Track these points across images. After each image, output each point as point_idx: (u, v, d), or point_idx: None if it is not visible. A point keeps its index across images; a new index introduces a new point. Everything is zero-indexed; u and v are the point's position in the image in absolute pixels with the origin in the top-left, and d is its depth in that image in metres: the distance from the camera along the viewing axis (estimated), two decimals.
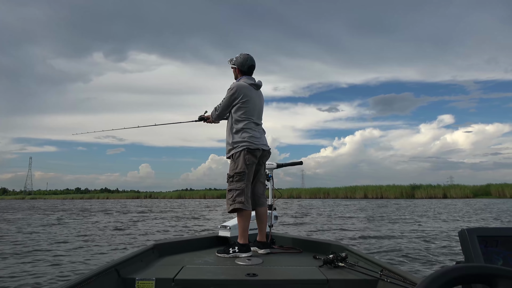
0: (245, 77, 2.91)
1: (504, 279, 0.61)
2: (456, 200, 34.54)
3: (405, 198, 44.40)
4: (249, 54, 2.97)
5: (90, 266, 4.79)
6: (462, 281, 0.63)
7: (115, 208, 23.76)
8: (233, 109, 2.81)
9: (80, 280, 1.58)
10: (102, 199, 74.22)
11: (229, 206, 2.69)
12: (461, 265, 0.63)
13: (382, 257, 5.24)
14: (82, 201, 53.64)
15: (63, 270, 4.56)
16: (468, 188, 45.12)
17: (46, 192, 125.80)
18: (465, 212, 16.45)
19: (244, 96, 2.77)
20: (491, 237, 0.88)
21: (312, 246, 2.83)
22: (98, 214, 17.16)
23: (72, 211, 20.42)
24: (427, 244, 6.54)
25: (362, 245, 6.47)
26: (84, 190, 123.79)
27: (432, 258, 5.26)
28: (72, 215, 16.49)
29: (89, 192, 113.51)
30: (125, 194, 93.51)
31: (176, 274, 2.01)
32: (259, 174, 2.88)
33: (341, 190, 52.06)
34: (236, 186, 2.67)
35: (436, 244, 6.54)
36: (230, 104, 2.81)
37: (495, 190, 42.78)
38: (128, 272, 1.99)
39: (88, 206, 28.30)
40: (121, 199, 72.06)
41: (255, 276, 1.98)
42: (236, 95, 2.78)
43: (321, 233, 8.30)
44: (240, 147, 2.71)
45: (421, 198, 43.59)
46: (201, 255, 2.66)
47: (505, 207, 19.89)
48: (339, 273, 2.05)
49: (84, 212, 18.96)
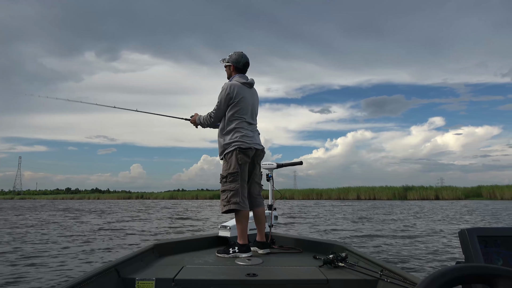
0: (237, 76, 2.87)
1: (504, 279, 0.61)
2: (448, 202, 35.00)
3: (397, 199, 44.80)
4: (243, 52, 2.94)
5: (90, 266, 4.77)
6: (462, 281, 0.62)
7: (111, 209, 23.54)
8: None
9: (80, 280, 1.58)
10: (93, 199, 73.48)
11: (222, 207, 2.67)
12: (461, 265, 0.63)
13: (381, 256, 5.27)
14: (74, 201, 53.11)
15: (63, 270, 4.53)
16: (459, 189, 45.80)
17: (36, 192, 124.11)
18: (460, 212, 16.66)
19: (237, 95, 2.74)
20: (491, 237, 0.88)
21: (312, 246, 2.83)
22: (93, 214, 17.01)
23: (68, 211, 20.17)
24: (427, 244, 6.60)
25: (363, 244, 6.50)
26: (75, 190, 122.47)
27: (432, 258, 5.30)
28: (68, 215, 16.29)
29: (80, 193, 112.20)
30: (116, 194, 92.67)
31: (176, 274, 2.01)
32: (254, 174, 2.85)
33: (334, 191, 52.32)
34: (230, 187, 2.65)
35: (435, 244, 6.59)
36: (227, 105, 2.76)
37: (486, 191, 43.60)
38: (128, 272, 1.99)
39: (80, 206, 27.98)
40: (112, 199, 71.38)
41: (255, 276, 1.98)
42: (232, 94, 2.74)
43: (319, 234, 8.33)
44: (232, 146, 2.68)
45: (413, 199, 44.07)
46: (201, 255, 2.65)
47: (499, 207, 20.21)
48: (339, 273, 2.05)
49: (80, 212, 18.78)
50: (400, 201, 40.00)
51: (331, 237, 7.75)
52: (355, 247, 3.81)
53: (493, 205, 24.38)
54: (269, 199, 3.21)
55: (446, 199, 43.14)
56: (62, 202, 46.62)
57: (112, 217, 14.99)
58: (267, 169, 3.20)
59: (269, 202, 3.19)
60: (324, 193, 52.98)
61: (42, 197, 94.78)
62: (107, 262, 2.10)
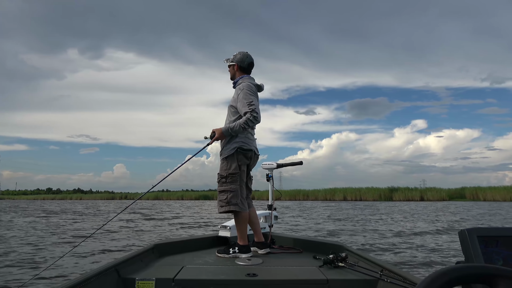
0: (247, 77, 2.84)
1: (504, 279, 0.61)
2: (435, 203, 35.39)
3: (383, 200, 45.25)
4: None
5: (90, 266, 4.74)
6: (462, 281, 0.62)
7: (104, 209, 23.07)
8: (238, 108, 2.71)
9: (80, 280, 1.57)
10: (76, 199, 71.79)
11: (220, 208, 2.63)
12: (461, 265, 0.63)
13: (381, 257, 5.33)
14: (64, 202, 51.51)
15: (63, 270, 4.48)
16: (443, 191, 46.48)
17: (15, 192, 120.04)
18: (454, 213, 17.02)
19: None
20: (491, 237, 0.88)
21: (312, 246, 2.84)
22: (88, 214, 16.72)
23: (57, 211, 19.70)
24: (426, 244, 6.68)
25: (366, 244, 6.57)
26: (56, 191, 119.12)
27: (432, 258, 5.37)
28: (62, 216, 15.88)
29: (61, 193, 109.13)
30: (99, 195, 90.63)
31: (176, 274, 2.00)
32: (247, 178, 2.82)
33: (320, 192, 52.49)
34: (230, 188, 2.61)
35: (435, 244, 6.69)
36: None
37: (469, 193, 44.60)
38: (128, 272, 1.98)
39: (70, 206, 27.26)
40: (95, 199, 69.93)
41: (255, 276, 1.98)
42: (254, 93, 2.71)
43: (315, 234, 8.37)
44: (234, 147, 2.65)
45: (399, 200, 44.57)
46: (201, 255, 2.64)
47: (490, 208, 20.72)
48: (339, 273, 2.06)
49: (74, 213, 18.30)
50: (386, 202, 40.53)
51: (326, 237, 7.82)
52: (355, 247, 3.85)
53: (479, 206, 25.00)
54: (269, 199, 3.21)
55: (431, 200, 43.75)
56: (52, 203, 45.16)
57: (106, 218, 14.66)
58: (267, 169, 3.20)
59: (269, 202, 3.19)
60: (310, 194, 53.24)
61: (22, 197, 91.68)
62: (107, 262, 2.07)
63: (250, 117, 2.58)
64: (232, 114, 2.74)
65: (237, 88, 2.76)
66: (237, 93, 2.70)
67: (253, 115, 2.58)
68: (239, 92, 2.69)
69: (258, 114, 2.62)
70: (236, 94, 2.72)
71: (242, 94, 2.66)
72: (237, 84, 2.82)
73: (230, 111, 2.78)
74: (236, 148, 2.65)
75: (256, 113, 2.60)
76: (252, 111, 2.58)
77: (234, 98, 2.76)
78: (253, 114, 2.58)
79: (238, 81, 2.82)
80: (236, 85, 2.82)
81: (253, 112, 2.58)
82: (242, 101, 2.64)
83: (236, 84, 2.82)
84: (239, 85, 2.76)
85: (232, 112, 2.75)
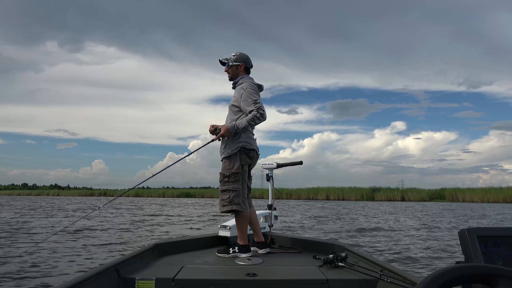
0: (248, 77, 2.82)
1: (504, 279, 0.61)
2: (419, 203, 36.06)
3: (366, 200, 45.89)
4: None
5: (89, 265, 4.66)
6: (462, 281, 0.62)
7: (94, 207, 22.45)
8: (241, 108, 2.68)
9: (80, 280, 1.56)
10: (53, 195, 69.73)
11: (222, 207, 2.62)
12: (461, 265, 0.63)
13: (382, 256, 5.40)
14: (45, 198, 49.76)
15: (63, 270, 4.40)
16: (424, 191, 47.66)
17: None
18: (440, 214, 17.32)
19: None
20: (491, 237, 0.88)
21: (312, 246, 2.85)
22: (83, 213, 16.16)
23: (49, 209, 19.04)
24: (425, 245, 6.79)
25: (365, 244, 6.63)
26: (32, 186, 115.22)
27: (432, 258, 5.45)
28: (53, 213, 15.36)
29: (38, 188, 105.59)
30: (77, 191, 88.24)
31: (176, 274, 2.00)
32: (248, 177, 2.81)
33: (303, 191, 52.96)
34: (233, 187, 2.59)
35: (435, 244, 6.80)
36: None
37: (449, 194, 45.99)
38: (128, 272, 1.97)
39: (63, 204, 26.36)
40: (73, 196, 68.10)
41: (255, 276, 1.98)
42: (257, 92, 2.71)
43: (312, 233, 8.39)
44: (238, 147, 2.63)
45: (381, 200, 45.37)
46: (201, 255, 2.63)
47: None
48: (339, 273, 2.07)
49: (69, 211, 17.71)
50: (369, 201, 41.29)
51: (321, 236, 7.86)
52: (355, 247, 3.88)
53: (464, 207, 25.65)
54: (269, 199, 3.20)
55: (412, 200, 44.76)
56: (36, 199, 43.53)
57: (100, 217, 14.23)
58: (267, 169, 3.19)
59: (269, 202, 3.19)
60: (293, 193, 53.66)
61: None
62: (107, 262, 2.04)
63: (257, 114, 2.58)
64: (234, 113, 2.73)
65: (239, 87, 2.74)
66: (240, 93, 2.68)
67: (260, 112, 2.59)
68: (242, 91, 2.67)
69: (264, 111, 2.62)
70: (239, 94, 2.69)
71: (246, 93, 2.64)
72: (237, 84, 2.79)
73: (231, 111, 2.76)
74: (240, 147, 2.63)
75: (263, 111, 2.60)
76: (258, 109, 2.58)
77: (235, 97, 2.73)
78: (259, 111, 2.59)
79: (238, 81, 2.80)
80: (236, 85, 2.80)
81: (259, 109, 2.59)
82: (246, 100, 2.62)
83: (237, 84, 2.79)
84: (241, 85, 2.74)
85: (234, 112, 2.73)
